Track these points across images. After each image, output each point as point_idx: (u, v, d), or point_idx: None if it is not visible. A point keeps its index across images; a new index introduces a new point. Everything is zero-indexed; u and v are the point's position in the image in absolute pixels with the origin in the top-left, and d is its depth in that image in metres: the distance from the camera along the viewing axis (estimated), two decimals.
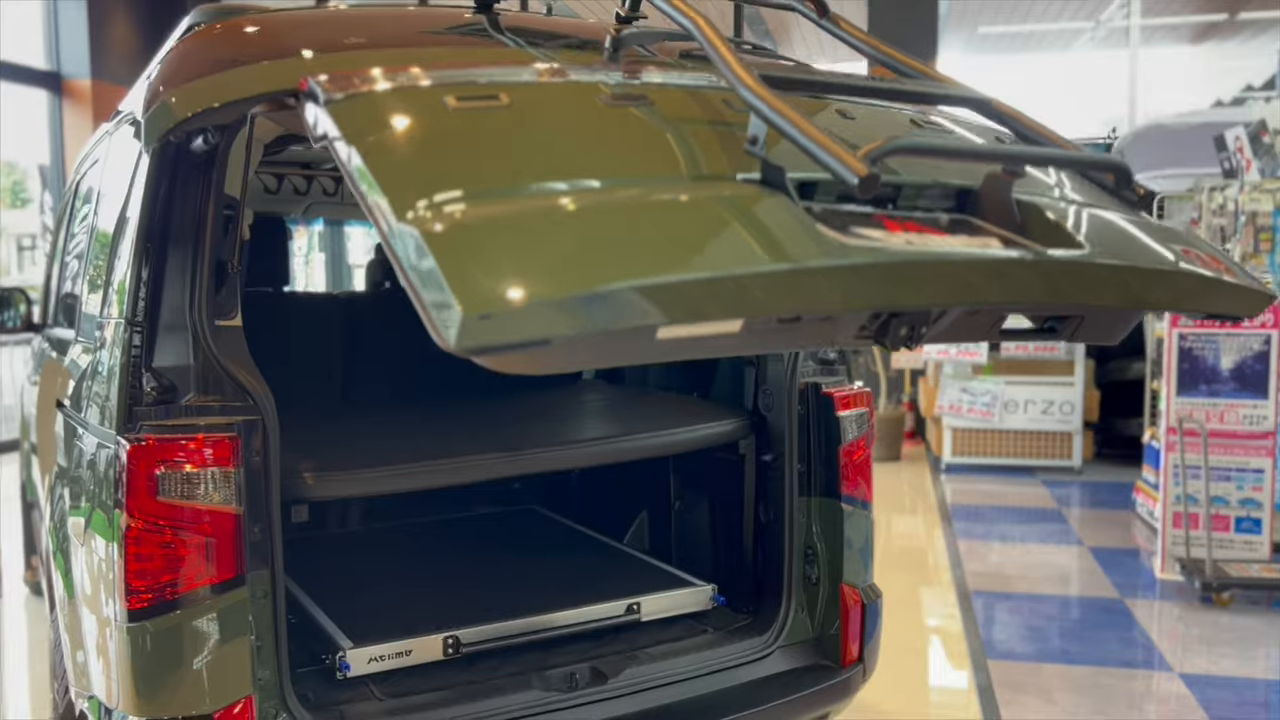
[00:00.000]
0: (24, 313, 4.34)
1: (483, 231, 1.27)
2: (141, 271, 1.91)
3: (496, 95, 1.55)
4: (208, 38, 2.00)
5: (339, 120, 1.46)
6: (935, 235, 1.53)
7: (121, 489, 1.80)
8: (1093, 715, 3.65)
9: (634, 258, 1.28)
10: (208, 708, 1.79)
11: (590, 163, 1.49)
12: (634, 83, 1.72)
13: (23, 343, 11.23)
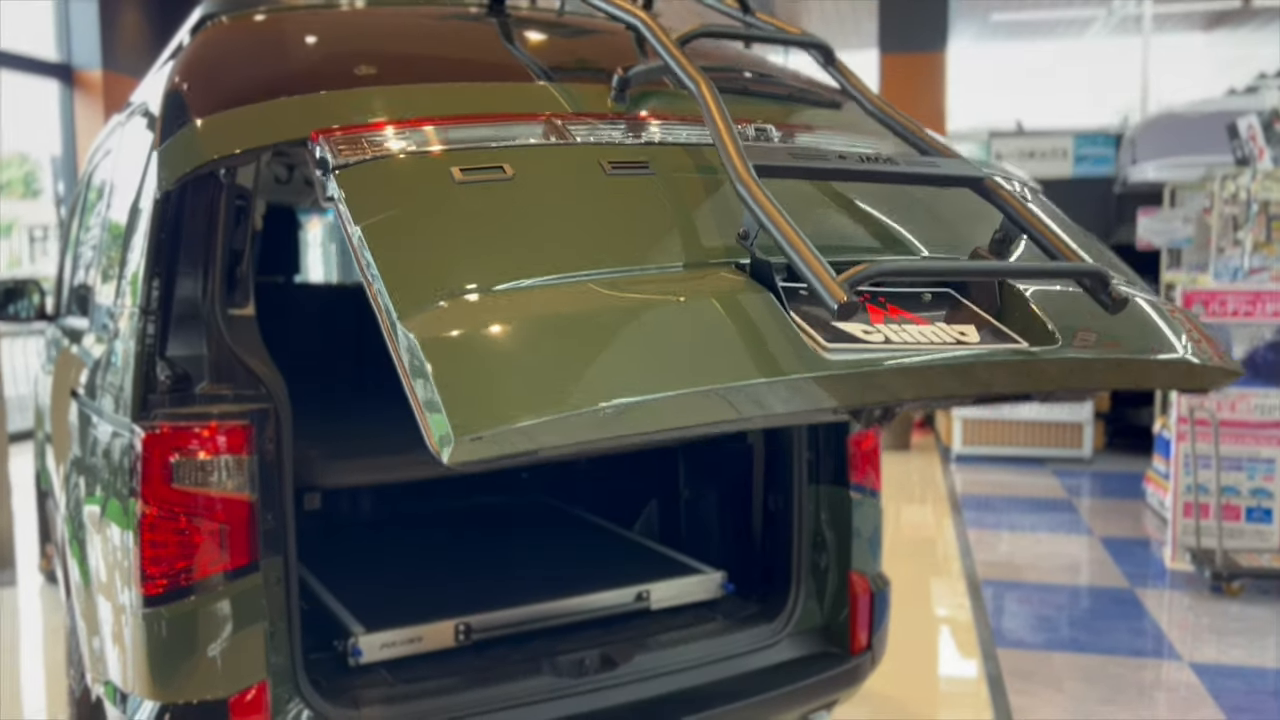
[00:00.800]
0: (37, 303, 4.37)
1: (478, 349, 1.33)
2: (155, 261, 1.93)
3: (501, 167, 1.59)
4: (218, 47, 2.01)
5: (346, 189, 1.53)
6: (916, 323, 1.59)
7: (136, 476, 1.82)
8: (1102, 704, 3.66)
9: (621, 376, 1.34)
10: (222, 693, 1.81)
11: (587, 252, 1.52)
12: (637, 140, 1.74)
13: (35, 334, 11.29)
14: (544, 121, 1.72)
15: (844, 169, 1.66)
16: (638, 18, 1.83)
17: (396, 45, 2.11)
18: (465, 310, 1.38)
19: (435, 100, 1.76)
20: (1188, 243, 7.22)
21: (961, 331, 1.61)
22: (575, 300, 1.43)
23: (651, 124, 1.81)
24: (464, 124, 1.68)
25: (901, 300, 1.64)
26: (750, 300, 1.49)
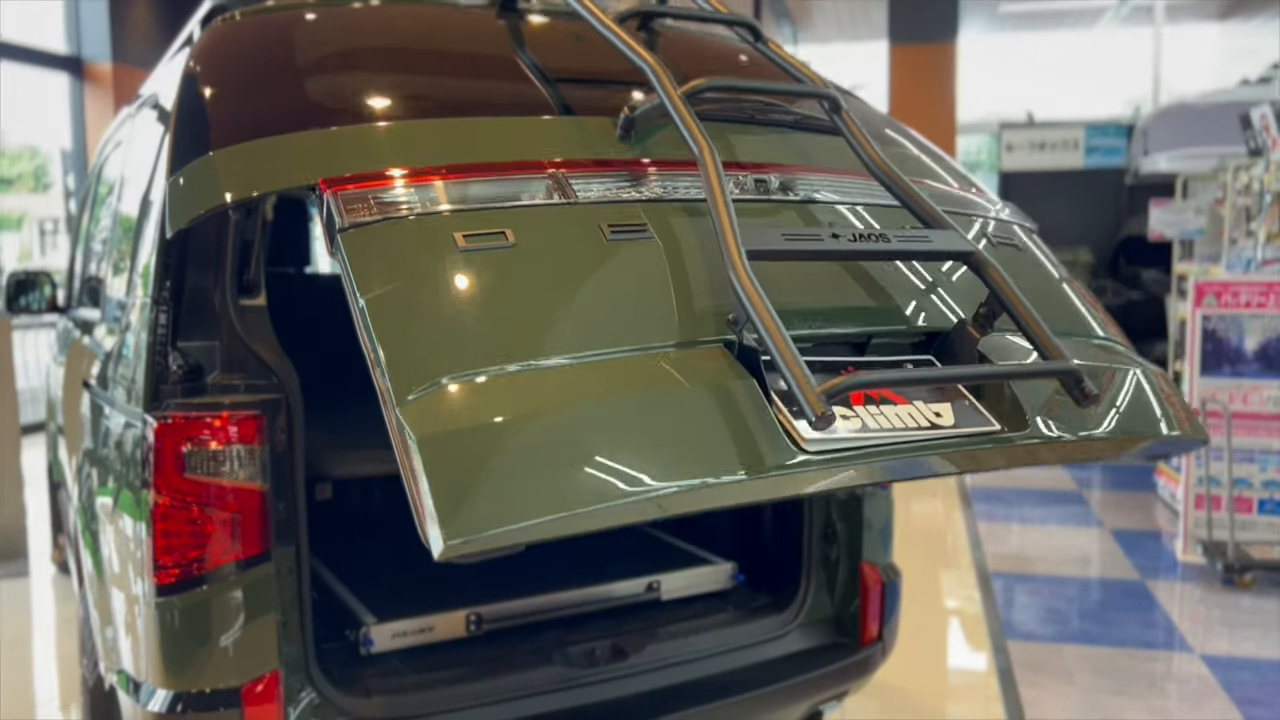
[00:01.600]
0: (49, 295, 4.39)
1: (470, 450, 1.39)
2: (166, 252, 1.93)
3: (503, 232, 1.62)
4: (228, 59, 2.00)
5: (351, 252, 1.57)
6: (894, 402, 1.65)
7: (149, 466, 1.82)
8: (1113, 696, 3.65)
9: (604, 479, 1.40)
10: (234, 681, 1.81)
11: (582, 331, 1.57)
12: (638, 196, 1.76)
13: (46, 326, 11.34)
14: (548, 176, 1.73)
15: (836, 249, 1.69)
16: (648, 63, 1.81)
17: (408, 57, 2.10)
18: (460, 402, 1.44)
19: (444, 141, 1.76)
20: (1200, 234, 7.19)
21: (937, 412, 1.66)
22: (566, 392, 1.49)
23: (653, 175, 1.82)
24: (470, 178, 1.69)
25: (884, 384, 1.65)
26: (733, 391, 1.54)
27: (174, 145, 1.92)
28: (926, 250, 1.76)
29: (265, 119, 1.85)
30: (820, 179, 1.97)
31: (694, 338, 1.62)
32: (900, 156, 2.19)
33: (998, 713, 3.53)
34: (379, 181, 1.65)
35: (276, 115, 1.85)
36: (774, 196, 1.87)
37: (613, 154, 1.82)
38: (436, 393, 1.44)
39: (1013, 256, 2.05)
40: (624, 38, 1.86)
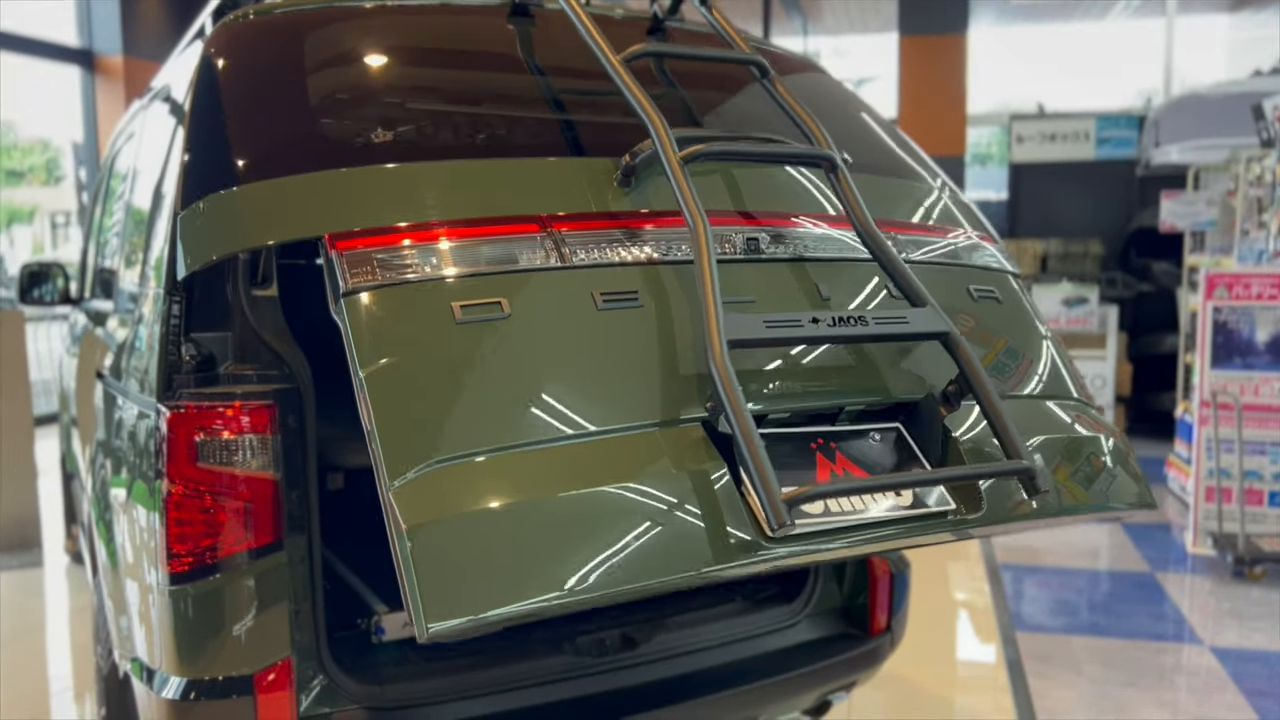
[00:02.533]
0: (61, 287, 4.41)
1: (454, 539, 1.48)
2: (179, 243, 1.94)
3: (499, 303, 1.68)
4: (240, 75, 2.01)
5: (352, 318, 1.64)
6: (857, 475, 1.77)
7: (162, 456, 1.84)
8: (1122, 687, 3.65)
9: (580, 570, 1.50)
10: (247, 669, 1.83)
11: (570, 411, 1.64)
12: (632, 258, 1.81)
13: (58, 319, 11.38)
14: (546, 235, 1.78)
15: (816, 335, 1.77)
16: (651, 121, 1.84)
17: (416, 72, 2.12)
18: (446, 490, 1.52)
19: (449, 189, 1.81)
20: (1211, 225, 7.15)
21: (899, 492, 1.77)
22: (547, 481, 1.57)
23: (649, 233, 1.86)
24: (471, 236, 1.74)
25: (851, 444, 1.82)
26: (707, 479, 1.63)
27: (185, 174, 1.93)
28: (903, 333, 1.83)
29: (276, 137, 1.89)
30: (813, 231, 2.01)
31: (675, 416, 1.70)
32: (895, 198, 2.25)
33: (1006, 704, 3.53)
34: (384, 238, 1.71)
35: (286, 134, 1.89)
36: (765, 255, 1.92)
37: (613, 204, 1.86)
38: (425, 477, 1.53)
39: (992, 312, 2.13)
40: (633, 88, 1.89)
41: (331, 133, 1.93)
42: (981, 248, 2.29)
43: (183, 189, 1.91)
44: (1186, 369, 6.82)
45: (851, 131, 2.45)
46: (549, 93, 2.13)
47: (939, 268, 2.12)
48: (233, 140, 1.93)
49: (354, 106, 2.01)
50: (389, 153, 1.89)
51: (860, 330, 1.77)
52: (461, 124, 2.04)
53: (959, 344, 1.81)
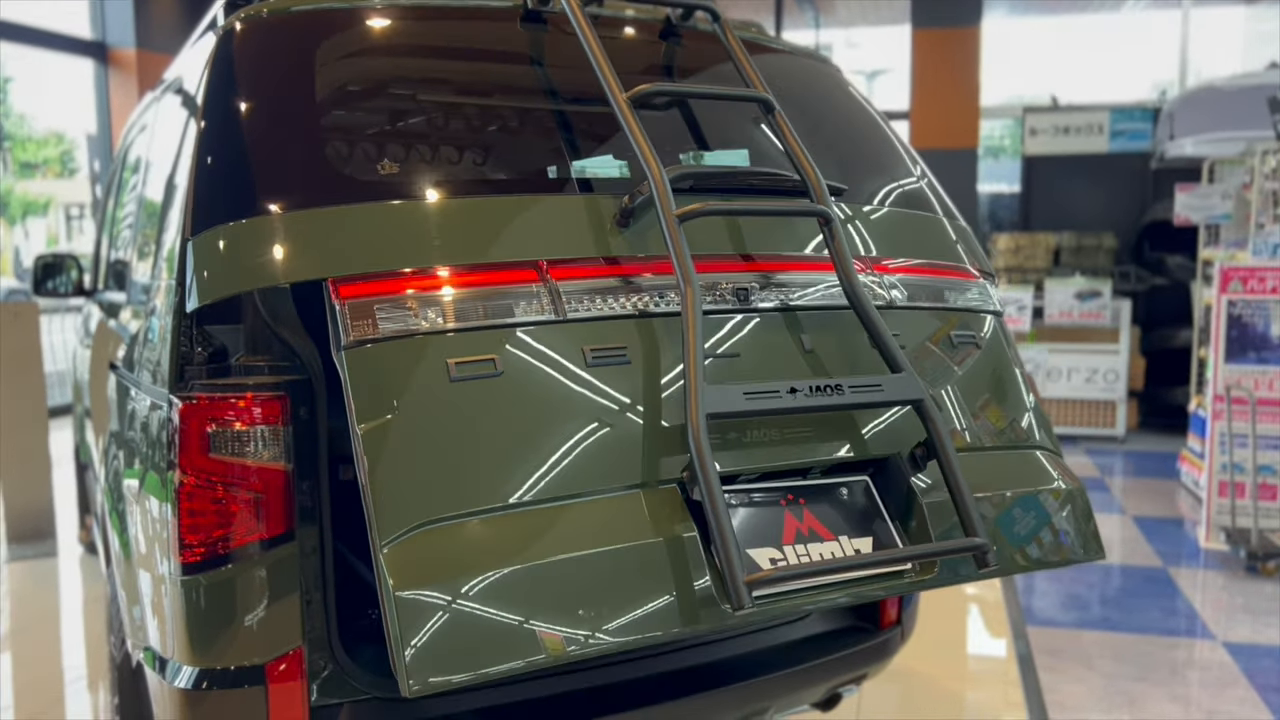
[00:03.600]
0: (75, 278, 4.43)
1: (438, 604, 1.57)
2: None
3: (492, 360, 1.75)
4: (253, 89, 2.01)
5: (352, 370, 1.70)
6: (822, 538, 1.88)
7: (174, 447, 1.84)
8: (1133, 682, 3.64)
9: (558, 636, 1.61)
10: (258, 658, 1.83)
11: (553, 473, 1.73)
12: (623, 312, 1.88)
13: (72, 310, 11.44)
14: (543, 284, 1.84)
15: (793, 406, 1.84)
16: (652, 173, 1.88)
17: (425, 85, 2.12)
18: (435, 549, 1.62)
19: (451, 230, 1.85)
20: (1226, 219, 7.11)
21: (858, 548, 1.89)
22: (529, 546, 1.65)
23: (643, 281, 1.92)
24: (470, 285, 1.80)
25: (819, 499, 1.93)
26: (679, 543, 1.73)
27: (196, 180, 1.93)
28: (877, 400, 1.93)
29: (283, 142, 1.92)
30: (801, 278, 2.07)
31: (655, 478, 1.79)
32: (887, 231, 2.30)
33: (1017, 698, 3.53)
34: (386, 284, 1.76)
35: (293, 140, 1.92)
36: (753, 306, 1.99)
37: (612, 246, 1.92)
38: (414, 538, 1.62)
39: (969, 359, 2.22)
40: (636, 132, 1.92)
41: (338, 151, 1.96)
42: (967, 287, 2.36)
43: (193, 196, 1.92)
44: (1200, 363, 6.78)
45: (851, 151, 2.49)
46: (560, 122, 2.16)
47: (922, 313, 2.21)
48: (241, 142, 1.94)
49: (362, 117, 2.05)
50: (394, 183, 1.94)
51: (835, 399, 1.87)
52: (472, 153, 2.07)
53: (930, 412, 1.92)
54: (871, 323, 1.98)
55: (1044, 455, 2.26)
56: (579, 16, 2.05)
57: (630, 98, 1.97)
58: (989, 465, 2.14)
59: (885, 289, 2.17)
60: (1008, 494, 2.10)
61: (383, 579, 1.59)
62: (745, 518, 1.86)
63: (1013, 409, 2.27)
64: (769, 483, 1.91)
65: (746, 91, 2.16)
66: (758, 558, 1.82)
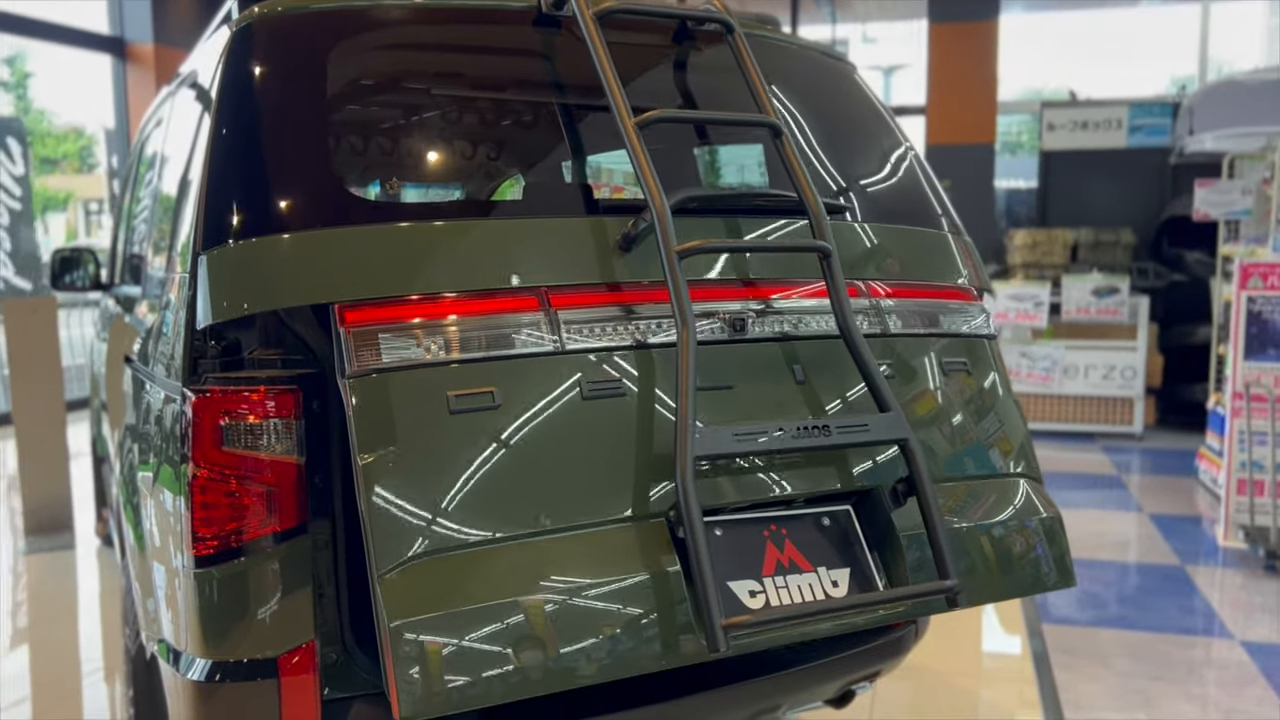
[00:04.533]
0: (92, 273, 4.45)
1: (432, 639, 1.63)
2: (206, 219, 1.94)
3: (490, 393, 1.79)
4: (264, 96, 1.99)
5: (357, 399, 1.74)
6: (801, 570, 1.94)
7: (187, 440, 1.85)
8: (1150, 681, 3.62)
9: (546, 670, 1.68)
10: (271, 651, 1.84)
11: (547, 507, 1.79)
12: (620, 343, 1.91)
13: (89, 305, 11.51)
14: (543, 314, 1.88)
15: (780, 448, 1.90)
16: (655, 206, 1.90)
17: (439, 92, 2.11)
18: (430, 581, 1.68)
19: (456, 254, 1.88)
20: (1246, 214, 7.04)
21: (834, 581, 1.96)
22: (522, 577, 1.71)
23: (642, 311, 1.95)
24: (472, 314, 1.84)
25: (801, 528, 1.99)
26: (664, 578, 1.79)
27: (206, 207, 1.93)
28: (863, 441, 1.98)
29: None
30: (796, 304, 2.11)
31: (644, 512, 1.85)
32: (888, 250, 2.32)
33: (1032, 696, 3.51)
34: (391, 311, 1.79)
35: (305, 165, 1.92)
36: (748, 335, 2.03)
37: (613, 273, 1.95)
38: (410, 569, 1.68)
39: (958, 386, 2.28)
40: (642, 161, 1.93)
41: (348, 166, 1.98)
42: (962, 311, 2.38)
43: (205, 206, 1.91)
44: (1219, 360, 6.73)
45: (859, 157, 2.49)
46: (570, 140, 2.16)
47: (915, 340, 2.25)
48: (248, 154, 1.94)
49: (372, 129, 2.06)
50: (403, 203, 1.96)
51: (822, 440, 1.93)
52: (481, 169, 2.09)
53: (914, 452, 1.98)
54: (863, 362, 2.03)
55: (1026, 483, 2.33)
56: (594, 34, 2.04)
57: (638, 123, 1.97)
58: (970, 495, 2.20)
59: (881, 315, 2.22)
60: (986, 524, 2.17)
61: (379, 608, 1.65)
62: (728, 548, 1.92)
63: (997, 437, 2.33)
64: (754, 512, 1.97)
65: (755, 116, 2.16)
66: (738, 590, 1.88)
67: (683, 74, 2.33)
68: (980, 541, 2.14)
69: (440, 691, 1.63)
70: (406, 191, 2.13)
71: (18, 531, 5.58)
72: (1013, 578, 2.18)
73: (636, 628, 1.76)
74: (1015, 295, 8.14)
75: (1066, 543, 2.27)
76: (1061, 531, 2.28)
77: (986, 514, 2.18)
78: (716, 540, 1.92)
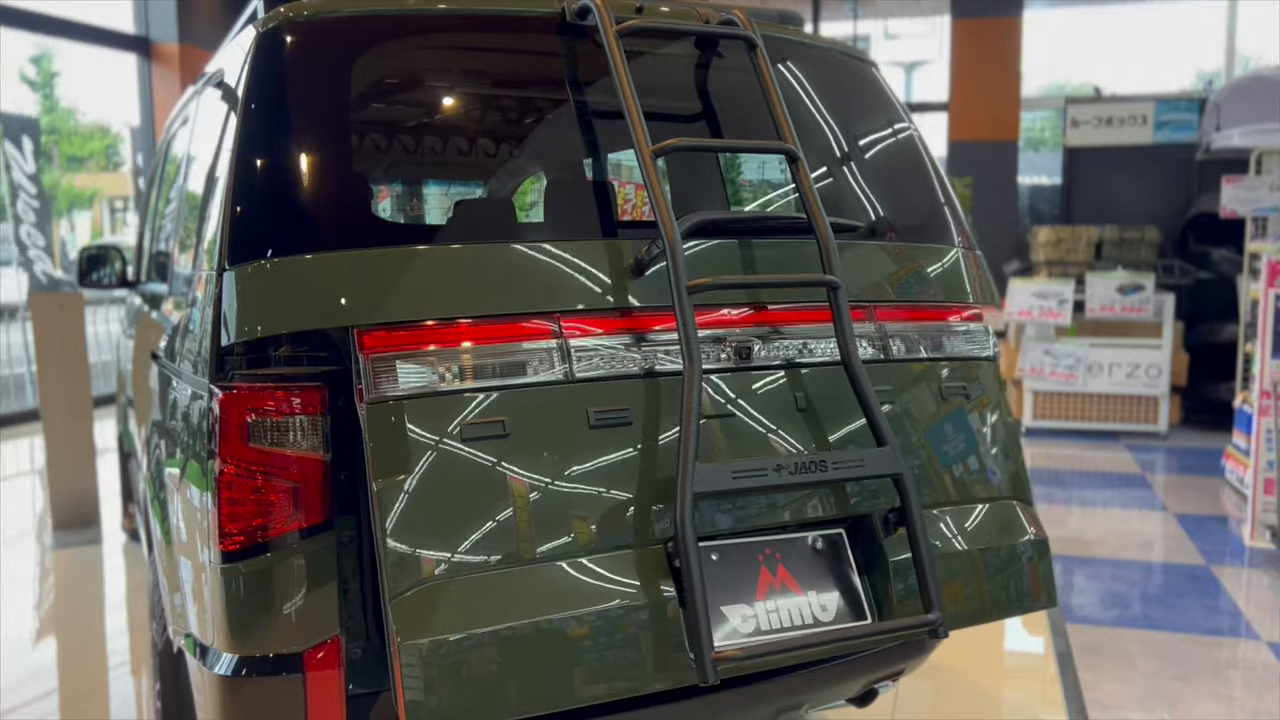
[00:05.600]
0: (119, 270, 4.49)
1: (440, 662, 1.71)
2: (232, 228, 1.96)
3: (501, 422, 1.85)
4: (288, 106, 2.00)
5: (370, 425, 1.79)
6: (793, 592, 2.03)
7: (214, 436, 1.86)
8: (1175, 681, 3.59)
9: (547, 690, 1.77)
10: (297, 646, 1.85)
11: (550, 536, 1.85)
12: (629, 371, 1.96)
13: (115, 302, 11.61)
14: (554, 340, 1.91)
15: (777, 484, 1.96)
16: (668, 238, 1.92)
17: (461, 103, 2.12)
18: (439, 605, 1.75)
19: (473, 279, 1.90)
20: (1274, 211, 6.97)
21: (823, 605, 2.05)
22: (525, 602, 1.79)
23: (652, 338, 2.00)
24: (486, 342, 1.88)
25: (794, 552, 2.06)
26: (660, 604, 1.86)
27: (231, 220, 1.93)
28: (859, 476, 2.04)
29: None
30: (803, 330, 2.16)
31: (644, 540, 1.91)
32: (897, 272, 2.35)
33: (1055, 696, 3.49)
34: (409, 336, 1.83)
35: (329, 181, 1.94)
36: (754, 363, 2.08)
37: (626, 297, 1.99)
38: (420, 593, 1.74)
39: (956, 411, 2.33)
40: (656, 191, 1.95)
41: (370, 183, 2.02)
42: (967, 332, 2.42)
43: (230, 219, 1.93)
44: (1246, 358, 6.66)
45: (874, 165, 2.49)
46: (591, 160, 2.17)
47: (917, 365, 2.31)
48: (273, 167, 1.95)
49: (391, 146, 2.08)
50: (422, 224, 1.96)
51: (819, 476, 1.98)
52: (502, 189, 2.11)
53: (907, 487, 2.04)
54: (864, 396, 2.07)
55: (1017, 506, 2.38)
56: (616, 55, 2.04)
57: (655, 151, 1.99)
58: (962, 519, 2.27)
59: (884, 339, 2.26)
60: (975, 550, 2.23)
61: (389, 628, 1.72)
62: (724, 571, 1.99)
63: (991, 461, 2.38)
64: (750, 537, 2.03)
65: (771, 144, 2.18)
66: (730, 614, 1.96)
67: (704, 77, 2.33)
68: (968, 567, 2.21)
69: (447, 707, 1.70)
70: (429, 210, 2.15)
71: (45, 526, 5.64)
72: (997, 601, 2.26)
73: (636, 652, 1.83)
74: (1039, 292, 8.08)
75: (1050, 564, 2.34)
76: (1046, 553, 2.34)
77: (976, 539, 2.25)
78: (712, 565, 1.98)
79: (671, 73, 2.31)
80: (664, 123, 2.26)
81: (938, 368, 2.34)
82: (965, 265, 2.50)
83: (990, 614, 2.25)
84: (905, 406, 2.26)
